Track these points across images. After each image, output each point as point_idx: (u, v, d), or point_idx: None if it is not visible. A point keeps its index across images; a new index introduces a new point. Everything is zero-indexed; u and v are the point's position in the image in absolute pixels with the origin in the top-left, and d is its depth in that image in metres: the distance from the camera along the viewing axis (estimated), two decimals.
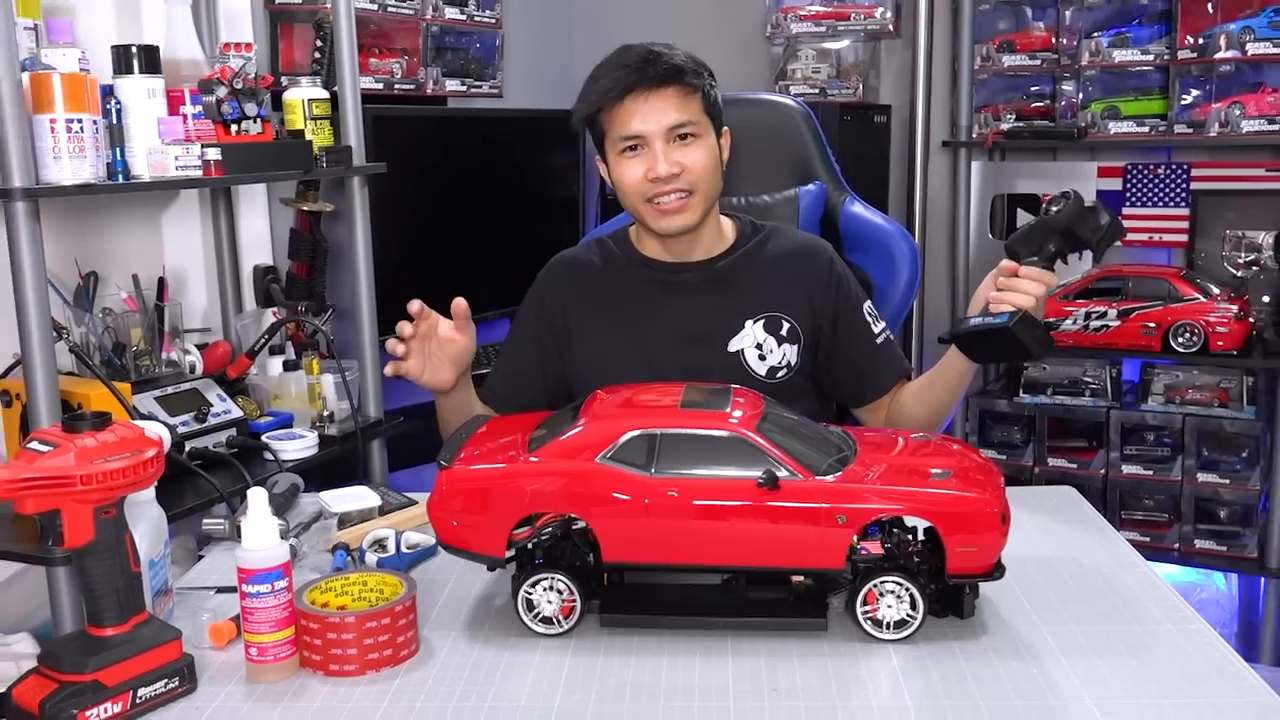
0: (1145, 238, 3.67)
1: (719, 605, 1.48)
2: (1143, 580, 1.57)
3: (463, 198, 3.41)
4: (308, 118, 2.55)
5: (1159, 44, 3.45)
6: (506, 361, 2.23)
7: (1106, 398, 3.63)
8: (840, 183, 2.44)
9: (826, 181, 2.42)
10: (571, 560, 1.48)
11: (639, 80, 1.94)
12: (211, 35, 2.69)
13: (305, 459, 2.42)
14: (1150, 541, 3.53)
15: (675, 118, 1.95)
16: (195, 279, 2.81)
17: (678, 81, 1.96)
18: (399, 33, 3.30)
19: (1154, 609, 1.48)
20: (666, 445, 1.43)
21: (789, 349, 2.05)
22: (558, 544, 1.48)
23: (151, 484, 1.33)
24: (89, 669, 1.23)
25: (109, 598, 1.27)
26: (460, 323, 1.95)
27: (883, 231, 2.36)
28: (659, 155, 1.95)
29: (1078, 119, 3.59)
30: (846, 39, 3.82)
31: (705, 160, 1.99)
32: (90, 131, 2.02)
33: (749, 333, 2.05)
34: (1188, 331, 3.32)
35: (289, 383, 2.59)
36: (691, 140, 1.98)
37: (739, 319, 2.06)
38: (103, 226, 2.54)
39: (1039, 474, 3.67)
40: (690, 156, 1.97)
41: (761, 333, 2.05)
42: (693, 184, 1.98)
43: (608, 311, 2.12)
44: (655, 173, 1.95)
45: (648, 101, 1.95)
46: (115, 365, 2.29)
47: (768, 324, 2.05)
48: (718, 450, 1.42)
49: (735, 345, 2.05)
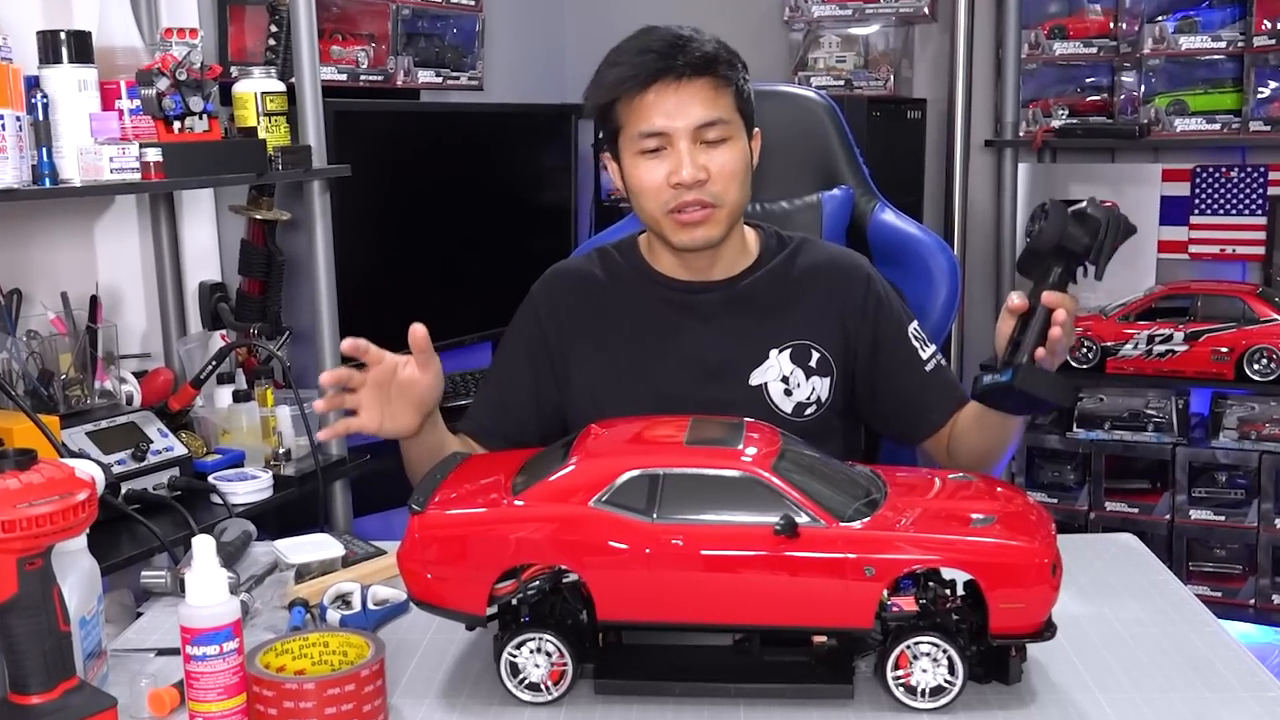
0: (1216, 250, 3.68)
1: (730, 669, 1.48)
2: (1213, 641, 1.57)
3: (438, 204, 3.41)
4: (261, 113, 2.56)
5: (1232, 29, 3.47)
6: (494, 387, 2.20)
7: (1172, 433, 3.63)
8: (869, 187, 2.44)
9: (853, 185, 2.43)
10: (562, 618, 1.47)
11: (666, 69, 1.91)
12: (151, 20, 2.70)
13: (258, 502, 2.42)
14: (1222, 597, 3.54)
15: (705, 114, 1.92)
16: (133, 297, 2.81)
17: (711, 72, 1.93)
18: (365, 17, 3.31)
19: (1226, 674, 1.48)
20: (670, 487, 1.42)
21: (819, 382, 2.04)
22: (546, 599, 1.48)
23: (83, 531, 1.33)
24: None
25: (34, 661, 1.26)
26: (421, 358, 1.91)
27: (917, 242, 2.37)
28: (684, 157, 1.92)
29: (1139, 115, 3.60)
30: (875, 24, 3.84)
31: (735, 166, 1.96)
32: (13, 129, 2.02)
33: (774, 364, 2.03)
34: (1265, 357, 3.33)
35: (240, 415, 2.59)
36: (721, 143, 1.95)
37: (763, 348, 2.04)
38: (28, 238, 2.54)
39: (1095, 519, 3.67)
40: (719, 161, 1.94)
41: (788, 364, 2.03)
42: (719, 195, 1.95)
43: (611, 335, 2.10)
44: (679, 177, 1.92)
45: (676, 94, 1.92)
46: (41, 396, 2.29)
47: (795, 354, 2.04)
48: (729, 493, 1.42)
49: (758, 379, 2.03)
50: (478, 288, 3.47)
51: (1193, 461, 3.60)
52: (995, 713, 1.39)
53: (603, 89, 1.97)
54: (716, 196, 1.95)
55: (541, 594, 1.47)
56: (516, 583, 1.45)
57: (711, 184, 1.93)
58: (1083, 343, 3.53)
